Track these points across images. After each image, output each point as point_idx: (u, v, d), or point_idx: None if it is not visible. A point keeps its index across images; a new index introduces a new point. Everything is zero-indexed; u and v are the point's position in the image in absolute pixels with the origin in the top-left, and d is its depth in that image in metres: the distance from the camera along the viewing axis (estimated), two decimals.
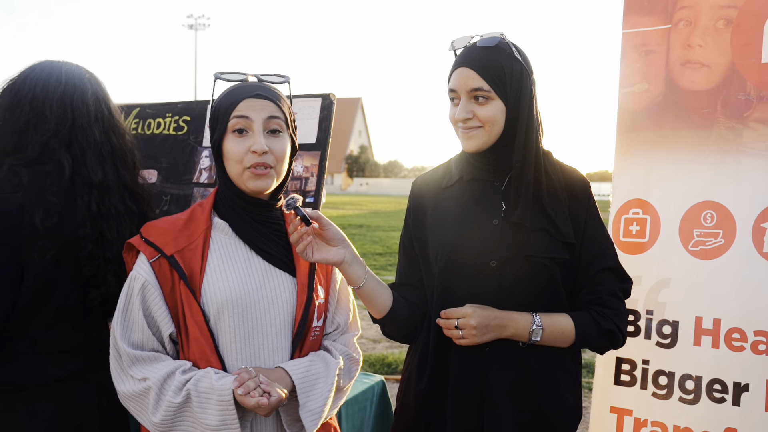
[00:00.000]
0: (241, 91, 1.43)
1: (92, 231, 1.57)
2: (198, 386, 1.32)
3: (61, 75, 1.61)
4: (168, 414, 1.32)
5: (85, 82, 1.65)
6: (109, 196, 1.62)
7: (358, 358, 1.60)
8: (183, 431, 1.34)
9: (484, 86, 1.48)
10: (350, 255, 1.48)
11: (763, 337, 1.98)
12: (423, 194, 1.68)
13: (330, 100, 2.23)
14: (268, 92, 1.44)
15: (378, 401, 2.52)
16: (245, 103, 1.40)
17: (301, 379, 1.40)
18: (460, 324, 1.50)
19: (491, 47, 1.49)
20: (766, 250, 2.00)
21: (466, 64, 1.50)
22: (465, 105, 1.50)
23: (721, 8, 2.09)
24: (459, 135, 1.56)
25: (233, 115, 1.40)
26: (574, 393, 1.61)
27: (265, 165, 1.40)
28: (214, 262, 1.42)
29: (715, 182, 2.09)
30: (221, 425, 1.30)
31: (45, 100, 1.57)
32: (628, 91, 2.27)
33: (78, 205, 1.57)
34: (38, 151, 1.55)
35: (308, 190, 2.19)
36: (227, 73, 1.48)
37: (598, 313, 1.56)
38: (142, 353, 1.37)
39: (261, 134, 1.40)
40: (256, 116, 1.40)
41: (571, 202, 1.57)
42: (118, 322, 1.41)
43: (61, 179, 1.55)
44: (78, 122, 1.61)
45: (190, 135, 2.49)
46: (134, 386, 1.36)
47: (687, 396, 2.08)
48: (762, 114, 2.03)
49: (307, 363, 1.44)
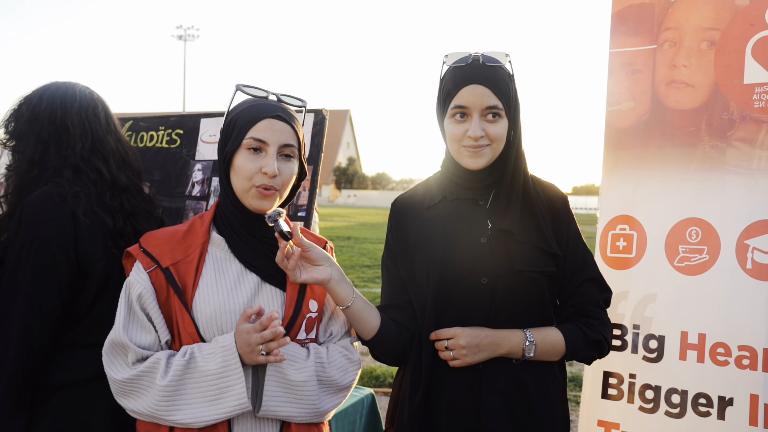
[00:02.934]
0: (261, 109, 1.44)
1: (130, 227, 1.74)
2: (201, 346, 1.38)
3: (75, 92, 1.77)
4: (175, 375, 1.34)
5: (95, 99, 1.82)
6: (132, 196, 1.80)
7: (354, 359, 1.56)
8: (188, 394, 1.35)
9: (498, 104, 1.49)
10: (337, 273, 1.49)
11: (746, 352, 2.01)
12: (405, 215, 1.67)
13: (323, 115, 2.25)
14: (287, 115, 1.46)
15: (368, 414, 2.53)
16: (265, 123, 1.42)
17: None
18: (449, 345, 1.51)
19: (497, 66, 1.51)
20: (749, 267, 2.04)
21: (479, 82, 1.48)
22: (478, 122, 1.49)
23: (704, 30, 2.15)
24: (462, 153, 1.53)
25: (251, 135, 1.41)
26: (563, 404, 1.64)
27: (272, 187, 1.42)
28: (208, 276, 1.44)
29: (700, 199, 2.14)
30: (223, 370, 1.33)
31: (65, 114, 1.72)
32: (615, 109, 2.32)
33: (117, 206, 1.74)
34: (80, 162, 1.71)
35: (300, 204, 2.21)
36: (250, 86, 1.49)
37: (584, 324, 1.59)
38: (149, 352, 1.40)
39: (274, 158, 1.42)
40: (273, 140, 1.42)
41: (552, 217, 1.60)
42: (124, 325, 1.41)
43: (106, 184, 1.73)
44: (96, 134, 1.77)
45: (182, 148, 2.50)
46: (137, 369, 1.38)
47: (673, 410, 2.11)
48: (744, 133, 2.08)
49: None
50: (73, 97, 1.75)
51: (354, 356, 1.56)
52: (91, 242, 1.64)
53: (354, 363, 1.55)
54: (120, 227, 1.71)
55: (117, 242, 1.69)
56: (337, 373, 1.50)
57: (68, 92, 1.75)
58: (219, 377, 1.33)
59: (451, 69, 1.55)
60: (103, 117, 1.79)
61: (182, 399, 1.35)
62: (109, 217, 1.70)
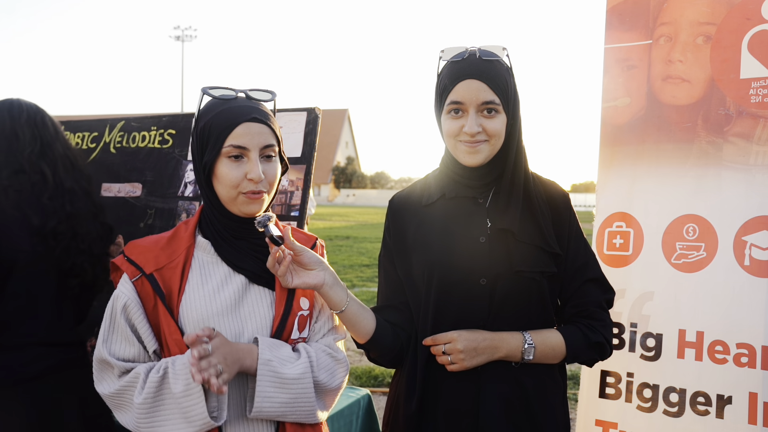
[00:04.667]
0: (235, 114, 1.39)
1: (68, 228, 1.85)
2: (175, 362, 1.35)
3: (21, 105, 1.94)
4: (149, 393, 1.33)
5: (41, 110, 1.98)
6: (77, 198, 1.92)
7: (340, 358, 1.50)
8: (166, 410, 1.34)
9: (495, 99, 1.45)
10: (330, 277, 1.46)
11: (745, 350, 1.99)
12: (402, 213, 1.64)
13: (315, 114, 2.23)
14: (262, 115, 1.42)
15: (364, 415, 2.50)
16: (242, 129, 1.37)
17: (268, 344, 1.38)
18: (447, 349, 1.49)
19: (494, 60, 1.47)
20: (747, 263, 2.02)
21: (475, 77, 1.45)
22: (475, 118, 1.46)
23: (700, 25, 2.13)
24: (459, 149, 1.50)
25: (230, 143, 1.37)
26: (564, 407, 1.61)
27: (260, 191, 1.40)
28: (194, 281, 1.41)
29: (697, 195, 2.12)
30: (185, 391, 1.31)
31: (14, 124, 1.89)
32: (611, 105, 2.30)
33: (56, 207, 1.85)
34: (25, 165, 1.85)
35: (293, 203, 2.19)
36: (215, 88, 1.44)
37: (585, 325, 1.56)
38: (133, 364, 1.39)
39: (257, 162, 1.38)
40: (253, 143, 1.38)
41: (553, 215, 1.57)
42: (105, 340, 1.41)
43: (48, 186, 1.86)
44: (45, 139, 1.91)
45: (175, 148, 2.48)
46: (121, 382, 1.38)
47: (671, 409, 2.09)
48: (741, 128, 2.06)
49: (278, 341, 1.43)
50: (19, 108, 1.91)
51: (339, 355, 1.50)
52: (8, 235, 1.76)
53: (341, 363, 1.50)
54: (52, 226, 1.81)
55: (46, 241, 1.80)
56: (325, 375, 1.45)
57: (14, 105, 1.92)
58: (184, 396, 1.32)
59: (447, 64, 1.51)
60: (50, 125, 1.95)
61: (161, 415, 1.34)
62: (39, 216, 1.80)
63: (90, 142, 2.65)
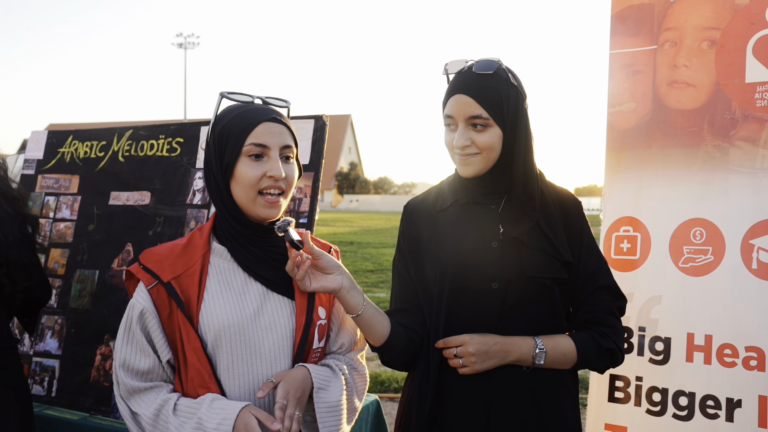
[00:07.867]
0: (255, 114, 1.41)
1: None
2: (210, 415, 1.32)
3: None
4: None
5: None
6: (4, 226, 1.76)
7: (364, 373, 1.58)
8: None
9: (482, 114, 1.47)
10: (348, 281, 1.48)
11: (754, 353, 2.00)
12: (417, 218, 1.66)
13: (323, 121, 2.24)
14: (281, 116, 1.45)
15: (373, 421, 2.50)
16: (263, 128, 1.40)
17: (320, 378, 1.43)
18: (458, 352, 1.50)
19: (488, 74, 1.48)
20: (755, 267, 2.02)
21: (463, 91, 1.48)
22: (463, 132, 1.49)
23: (705, 30, 2.14)
24: (455, 160, 1.55)
25: (250, 141, 1.38)
26: (575, 413, 1.61)
27: (280, 189, 1.41)
28: (212, 288, 1.42)
29: (704, 200, 2.12)
30: None
31: None
32: (617, 110, 2.31)
33: None
34: None
35: (302, 210, 2.20)
36: (235, 93, 1.46)
37: (597, 332, 1.57)
38: (139, 385, 1.39)
39: (278, 160, 1.40)
40: (274, 142, 1.40)
41: (565, 223, 1.58)
42: (120, 350, 1.41)
43: None
44: None
45: (183, 156, 2.50)
46: (129, 416, 1.40)
47: (681, 412, 2.09)
48: (747, 132, 2.07)
49: (320, 366, 1.48)
50: None
51: (364, 371, 1.58)
52: None
53: (365, 379, 1.58)
54: None
55: None
56: (358, 399, 1.53)
57: None
58: None
59: (450, 77, 1.56)
60: None
61: None
62: None
63: (98, 151, 2.67)
